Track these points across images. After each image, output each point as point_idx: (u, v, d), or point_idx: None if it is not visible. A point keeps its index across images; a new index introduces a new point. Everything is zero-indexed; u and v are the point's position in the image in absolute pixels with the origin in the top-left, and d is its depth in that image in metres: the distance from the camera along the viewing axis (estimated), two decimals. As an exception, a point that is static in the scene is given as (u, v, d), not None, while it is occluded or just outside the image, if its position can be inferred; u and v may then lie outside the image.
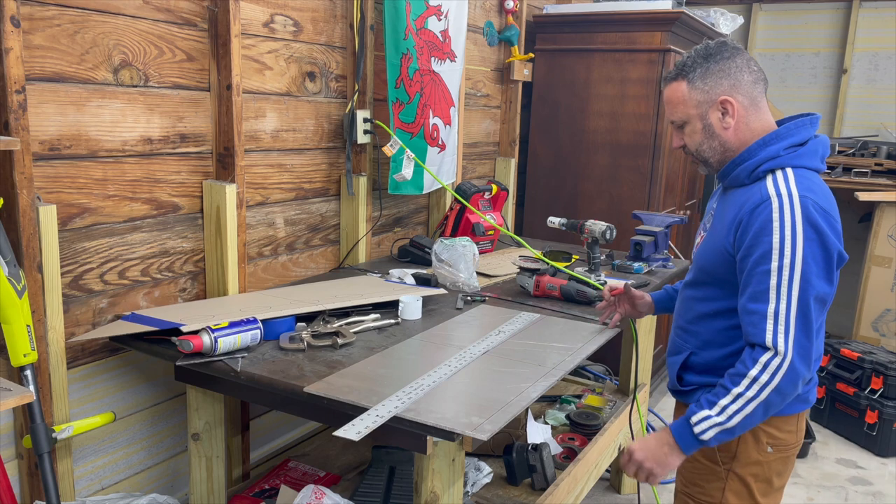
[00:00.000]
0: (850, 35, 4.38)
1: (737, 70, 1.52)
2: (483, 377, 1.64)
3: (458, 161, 3.26)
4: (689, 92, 1.54)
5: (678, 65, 1.57)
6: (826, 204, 1.43)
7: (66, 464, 1.82)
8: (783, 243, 1.39)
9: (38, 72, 1.67)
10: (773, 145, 1.49)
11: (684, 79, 1.55)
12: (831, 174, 4.01)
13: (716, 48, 1.54)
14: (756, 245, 1.42)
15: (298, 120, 2.45)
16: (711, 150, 1.57)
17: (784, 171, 1.47)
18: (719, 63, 1.52)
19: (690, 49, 1.58)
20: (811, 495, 3.01)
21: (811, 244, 1.39)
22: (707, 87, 1.52)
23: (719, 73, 1.52)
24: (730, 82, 1.51)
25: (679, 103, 1.56)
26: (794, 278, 1.38)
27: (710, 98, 1.52)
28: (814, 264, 1.39)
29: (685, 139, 1.60)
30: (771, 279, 1.40)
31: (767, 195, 1.43)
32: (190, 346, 1.62)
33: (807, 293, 1.38)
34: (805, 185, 1.43)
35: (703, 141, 1.56)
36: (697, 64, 1.53)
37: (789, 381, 1.38)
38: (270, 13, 2.26)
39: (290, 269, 2.52)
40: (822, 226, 1.40)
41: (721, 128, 1.54)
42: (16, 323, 1.53)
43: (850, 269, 4.49)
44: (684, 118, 1.57)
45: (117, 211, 1.91)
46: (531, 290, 2.35)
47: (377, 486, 2.17)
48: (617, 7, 3.57)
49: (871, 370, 3.38)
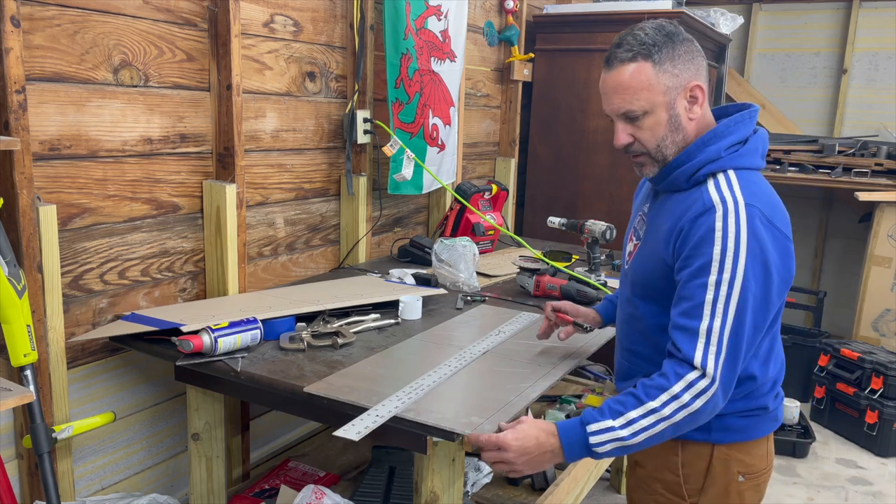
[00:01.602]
0: (850, 35, 4.38)
1: (698, 53, 1.36)
2: (483, 377, 1.64)
3: (458, 161, 3.26)
4: (657, 75, 1.31)
5: (631, 42, 1.33)
6: (772, 211, 1.30)
7: (66, 464, 1.82)
8: (724, 256, 1.24)
9: (38, 72, 1.67)
10: (713, 145, 1.34)
11: (647, 59, 1.31)
12: (831, 174, 4.01)
13: (673, 28, 1.35)
14: (695, 255, 1.27)
15: (298, 120, 2.45)
16: (674, 146, 1.36)
17: (726, 173, 1.32)
18: (684, 44, 1.34)
19: (634, 27, 1.37)
20: (811, 495, 3.01)
21: (754, 261, 1.24)
22: (676, 70, 1.32)
23: (685, 56, 1.33)
24: (695, 66, 1.34)
25: (642, 88, 1.32)
26: (732, 295, 1.24)
27: (680, 83, 1.33)
28: (754, 282, 1.25)
29: (640, 134, 1.36)
30: (707, 293, 1.25)
31: (711, 202, 1.28)
32: (190, 346, 1.62)
33: (744, 314, 1.24)
34: (750, 191, 1.30)
35: (667, 135, 1.35)
36: (661, 42, 1.31)
37: (708, 409, 1.24)
38: (270, 13, 2.26)
39: (290, 269, 2.52)
40: (767, 242, 1.26)
41: (687, 119, 1.35)
42: (16, 323, 1.53)
43: (850, 269, 4.49)
44: (647, 107, 1.33)
45: (117, 211, 1.91)
46: (531, 290, 2.35)
47: (377, 486, 2.17)
48: (617, 7, 3.57)
49: (872, 370, 3.38)
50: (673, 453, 1.42)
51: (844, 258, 4.60)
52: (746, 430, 1.39)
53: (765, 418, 1.41)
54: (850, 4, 4.37)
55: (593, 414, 1.27)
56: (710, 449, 1.39)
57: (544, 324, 1.75)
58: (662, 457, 1.44)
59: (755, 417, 1.39)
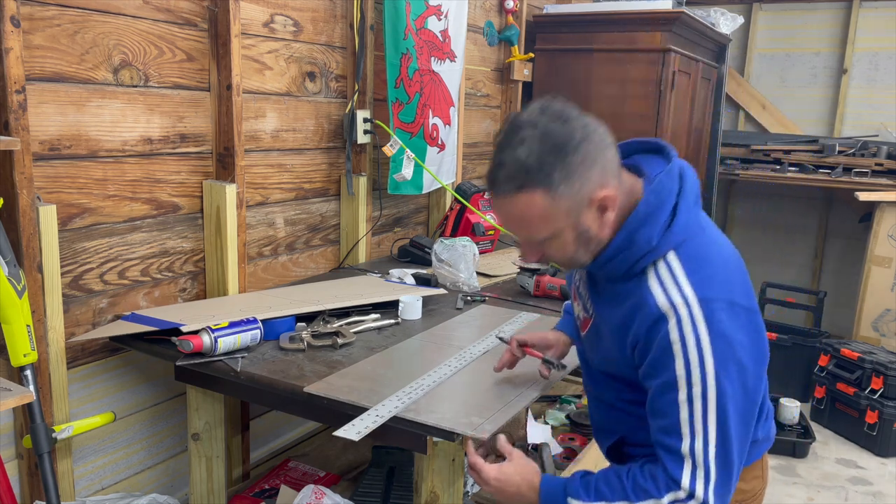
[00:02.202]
0: (850, 35, 4.37)
1: (597, 149, 1.12)
2: (483, 377, 1.63)
3: (458, 161, 3.26)
4: (553, 202, 1.10)
5: (512, 169, 1.10)
6: (729, 288, 1.14)
7: (66, 464, 1.82)
8: (689, 370, 1.10)
9: (38, 72, 1.67)
10: (641, 233, 1.15)
11: (537, 187, 1.09)
12: (831, 174, 4.01)
13: (560, 130, 1.10)
14: (659, 369, 1.14)
15: (298, 120, 2.45)
16: (588, 255, 1.20)
17: (665, 260, 1.16)
18: (580, 150, 1.09)
19: (513, 135, 1.11)
20: (811, 495, 3.01)
21: (724, 365, 1.10)
22: (574, 188, 1.10)
23: (584, 164, 1.10)
24: (598, 170, 1.11)
25: (538, 219, 1.12)
26: (708, 410, 1.11)
27: (583, 199, 1.12)
28: (730, 387, 1.11)
29: (549, 252, 1.20)
30: (681, 412, 1.12)
31: (660, 311, 1.12)
32: (190, 346, 1.62)
33: (727, 426, 1.11)
34: (699, 277, 1.13)
35: (578, 249, 1.18)
36: (550, 164, 1.08)
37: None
38: (270, 13, 2.26)
39: (290, 269, 2.52)
40: (733, 335, 1.11)
41: (599, 228, 1.16)
42: (16, 323, 1.53)
43: (850, 269, 4.49)
44: (549, 234, 1.15)
45: (117, 211, 1.91)
46: (531, 290, 2.35)
47: (377, 486, 2.17)
48: (617, 7, 3.57)
49: (872, 370, 3.38)
50: None
51: (844, 258, 4.60)
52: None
53: (755, 447, 1.32)
54: (850, 4, 4.37)
55: (577, 489, 1.22)
56: None
57: (507, 356, 1.58)
58: None
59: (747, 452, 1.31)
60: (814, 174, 4.08)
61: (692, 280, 1.13)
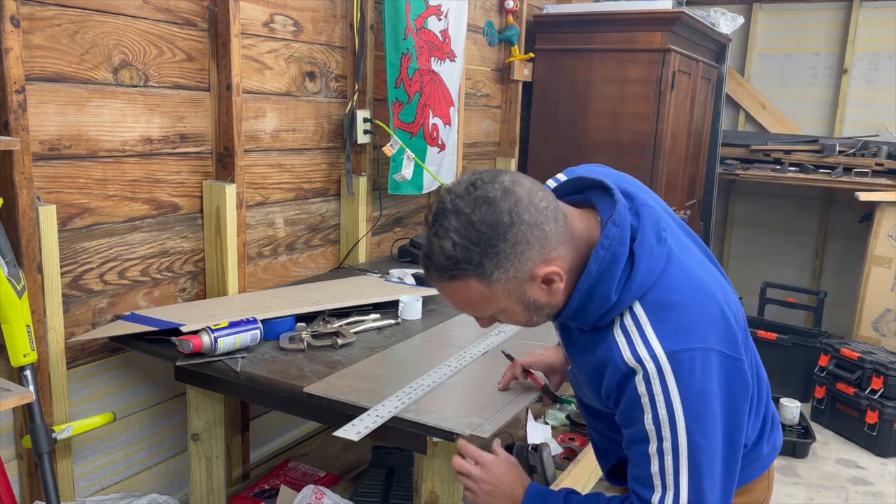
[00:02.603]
0: (850, 35, 4.37)
1: (531, 230, 1.04)
2: (483, 377, 1.63)
3: (458, 161, 3.26)
4: (489, 288, 1.06)
5: (440, 257, 1.05)
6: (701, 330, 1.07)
7: (66, 464, 1.82)
8: (659, 426, 1.05)
9: (38, 72, 1.67)
10: (598, 288, 1.08)
11: (469, 277, 1.05)
12: (831, 174, 4.01)
13: (486, 218, 1.02)
14: (629, 422, 1.10)
15: (298, 120, 2.45)
16: (544, 318, 1.16)
17: (632, 311, 1.09)
18: (509, 237, 1.03)
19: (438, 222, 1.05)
20: (811, 495, 3.01)
21: (698, 419, 1.05)
22: (511, 272, 1.05)
23: (516, 248, 1.03)
24: (537, 248, 1.05)
25: (479, 302, 1.09)
26: (680, 465, 1.06)
27: (523, 279, 1.07)
28: (703, 440, 1.06)
29: (503, 320, 1.17)
30: (652, 465, 1.08)
31: (627, 366, 1.07)
32: (190, 347, 1.62)
33: (700, 481, 1.06)
34: (667, 330, 1.06)
35: (532, 315, 1.14)
36: (478, 254, 1.03)
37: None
38: (270, 13, 2.26)
39: (290, 269, 2.52)
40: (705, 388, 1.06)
41: (548, 297, 1.11)
42: (15, 323, 1.53)
43: (850, 269, 4.49)
44: (495, 311, 1.13)
45: (117, 211, 1.91)
46: (531, 290, 2.34)
47: (377, 487, 2.17)
48: (617, 7, 3.57)
49: (872, 370, 3.38)
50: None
51: (844, 258, 4.59)
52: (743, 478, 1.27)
53: (760, 462, 1.29)
54: (850, 4, 4.37)
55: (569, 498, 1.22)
56: None
57: (508, 375, 1.57)
58: None
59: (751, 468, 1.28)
60: (814, 174, 4.08)
61: (658, 332, 1.06)
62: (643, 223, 1.11)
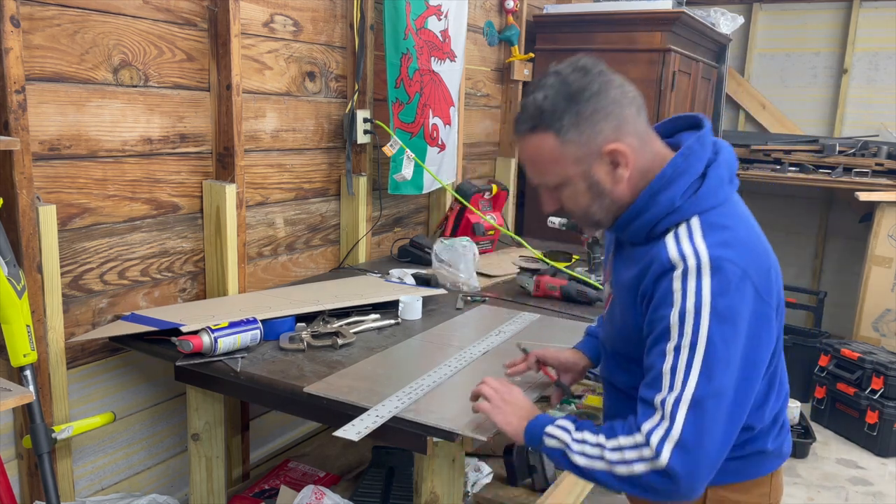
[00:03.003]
0: (850, 35, 4.37)
1: (615, 105, 1.15)
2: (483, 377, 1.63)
3: (458, 161, 3.26)
4: (562, 147, 1.15)
5: (531, 110, 1.17)
6: (747, 260, 1.11)
7: (66, 464, 1.82)
8: (683, 319, 1.08)
9: (38, 72, 1.67)
10: (664, 193, 1.15)
11: (548, 130, 1.15)
12: (831, 174, 4.01)
13: (578, 81, 1.14)
14: (656, 320, 1.12)
15: (298, 120, 2.45)
16: (603, 211, 1.21)
17: (688, 223, 1.14)
18: (591, 102, 1.14)
19: (540, 81, 1.18)
20: (811, 495, 3.01)
21: (721, 321, 1.07)
22: (585, 136, 1.14)
23: (595, 116, 1.14)
24: (612, 124, 1.14)
25: (549, 162, 1.18)
26: (693, 363, 1.07)
27: (592, 150, 1.15)
28: (721, 345, 1.07)
29: (564, 202, 1.23)
30: (666, 362, 1.10)
31: (670, 262, 1.11)
32: (190, 347, 1.62)
33: (707, 386, 1.07)
34: (717, 239, 1.11)
35: (591, 203, 1.20)
36: (562, 109, 1.14)
37: (657, 484, 1.09)
38: (270, 13, 2.26)
39: (290, 269, 2.52)
40: (737, 300, 1.08)
41: (612, 183, 1.18)
42: (15, 323, 1.53)
43: (850, 269, 4.49)
44: (560, 180, 1.19)
45: (117, 211, 1.91)
46: (531, 291, 2.35)
47: (377, 487, 2.17)
48: (617, 7, 3.57)
49: (872, 370, 3.38)
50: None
51: (844, 258, 4.59)
52: (742, 471, 1.27)
53: (763, 458, 1.28)
54: (850, 4, 4.37)
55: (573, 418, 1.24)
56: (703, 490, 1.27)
57: (522, 367, 1.57)
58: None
59: (751, 459, 1.27)
60: (814, 174, 4.08)
61: (708, 238, 1.11)
62: (721, 156, 1.19)
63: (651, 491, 1.11)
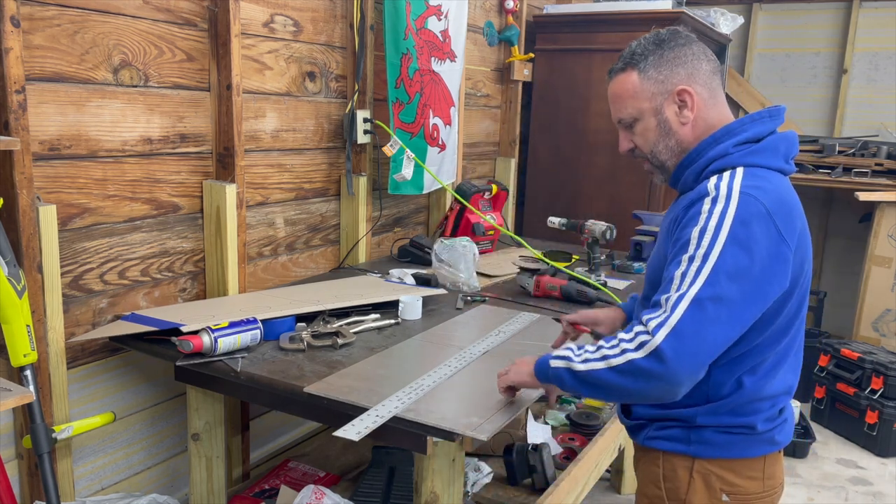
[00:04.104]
0: (850, 35, 4.37)
1: (693, 58, 1.33)
2: (483, 377, 1.63)
3: (458, 161, 3.26)
4: (642, 82, 1.34)
5: (625, 54, 1.37)
6: (775, 205, 1.20)
7: (66, 464, 1.82)
8: (703, 234, 1.19)
9: (38, 72, 1.67)
10: (722, 142, 1.30)
11: (634, 68, 1.34)
12: (831, 174, 4.01)
13: (668, 35, 1.35)
14: (679, 238, 1.24)
15: (298, 120, 2.45)
16: (668, 151, 1.36)
17: (734, 170, 1.26)
18: (674, 50, 1.33)
19: (641, 37, 1.39)
20: (811, 495, 3.01)
21: (734, 244, 1.17)
22: (662, 76, 1.33)
23: (675, 61, 1.33)
24: (687, 71, 1.32)
25: (629, 97, 1.35)
26: (702, 270, 1.17)
27: (666, 88, 1.33)
28: (732, 261, 1.16)
29: (636, 140, 1.39)
30: (679, 268, 1.20)
31: (706, 190, 1.24)
32: (190, 347, 1.62)
33: (708, 289, 1.15)
34: (753, 184, 1.22)
35: (659, 140, 1.36)
36: (649, 51, 1.34)
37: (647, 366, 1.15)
38: (270, 13, 2.26)
39: (290, 269, 2.52)
40: (757, 233, 1.18)
41: (678, 123, 1.34)
42: (16, 323, 1.53)
43: (850, 269, 4.49)
44: (635, 114, 1.36)
45: (117, 211, 1.91)
46: (531, 290, 2.35)
47: (377, 486, 2.17)
48: (617, 7, 3.57)
49: (872, 370, 3.38)
50: (654, 465, 1.38)
51: (844, 258, 4.59)
52: (727, 446, 1.31)
53: (752, 438, 1.32)
54: (850, 4, 4.37)
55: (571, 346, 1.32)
56: (690, 462, 1.33)
57: (561, 336, 1.69)
58: (646, 469, 1.41)
59: (738, 435, 1.31)
60: (814, 174, 4.08)
61: (745, 182, 1.23)
62: (783, 134, 1.32)
63: (643, 377, 1.17)
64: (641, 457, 1.44)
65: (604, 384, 1.21)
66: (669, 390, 1.17)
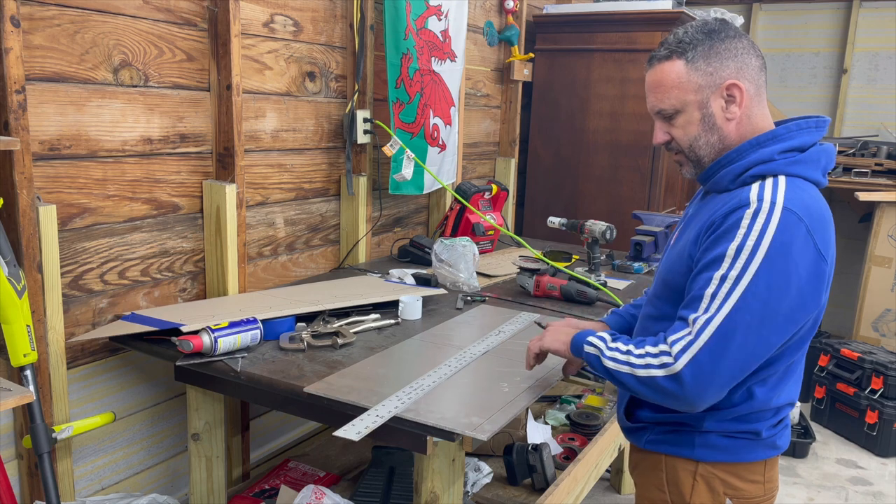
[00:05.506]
0: (850, 35, 4.37)
1: (744, 51, 1.27)
2: (483, 377, 1.63)
3: (459, 161, 3.26)
4: (688, 73, 1.26)
5: (670, 41, 1.29)
6: (816, 227, 1.18)
7: (66, 464, 1.82)
8: (740, 251, 1.16)
9: (38, 72, 1.67)
10: (767, 147, 1.25)
11: (681, 57, 1.27)
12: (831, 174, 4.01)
13: (719, 25, 1.28)
14: (713, 248, 1.20)
15: (298, 120, 2.45)
16: (708, 147, 1.30)
17: (776, 178, 1.22)
18: (724, 42, 1.26)
19: (686, 25, 1.32)
20: (811, 495, 3.01)
21: (771, 266, 1.14)
22: (711, 67, 1.26)
23: (725, 53, 1.26)
24: (737, 64, 1.26)
25: (673, 87, 1.28)
26: (733, 292, 1.15)
27: (715, 81, 1.26)
28: (766, 288, 1.14)
29: (674, 132, 1.32)
30: (710, 287, 1.18)
31: (748, 200, 1.20)
32: (190, 347, 1.62)
33: (739, 315, 1.14)
34: (796, 197, 1.19)
35: (700, 135, 1.29)
36: (698, 40, 1.26)
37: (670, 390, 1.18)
38: (270, 13, 2.26)
39: (290, 269, 2.52)
40: (796, 253, 1.15)
41: (724, 119, 1.28)
42: (16, 323, 1.53)
43: (850, 270, 4.49)
44: (678, 105, 1.29)
45: (117, 211, 1.91)
46: (531, 290, 2.35)
47: (377, 487, 2.17)
48: (617, 7, 3.57)
49: (872, 370, 3.38)
50: (657, 468, 1.38)
51: (844, 258, 4.59)
52: (732, 450, 1.32)
53: (755, 443, 1.32)
54: (850, 4, 4.37)
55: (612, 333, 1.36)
56: (694, 466, 1.33)
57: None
58: (650, 473, 1.41)
59: (742, 440, 1.31)
60: (814, 174, 4.08)
61: (788, 194, 1.19)
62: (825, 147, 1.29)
63: (661, 393, 1.21)
64: (641, 461, 1.44)
65: (625, 385, 1.26)
66: (688, 408, 1.22)
